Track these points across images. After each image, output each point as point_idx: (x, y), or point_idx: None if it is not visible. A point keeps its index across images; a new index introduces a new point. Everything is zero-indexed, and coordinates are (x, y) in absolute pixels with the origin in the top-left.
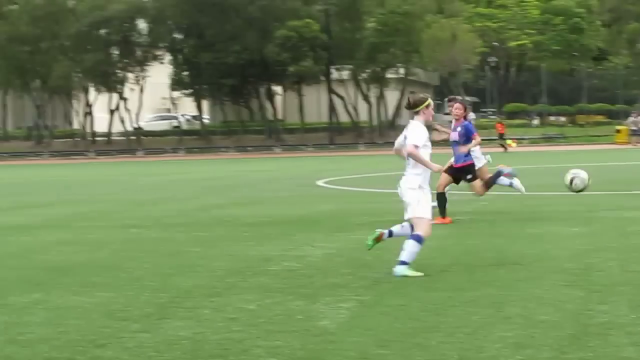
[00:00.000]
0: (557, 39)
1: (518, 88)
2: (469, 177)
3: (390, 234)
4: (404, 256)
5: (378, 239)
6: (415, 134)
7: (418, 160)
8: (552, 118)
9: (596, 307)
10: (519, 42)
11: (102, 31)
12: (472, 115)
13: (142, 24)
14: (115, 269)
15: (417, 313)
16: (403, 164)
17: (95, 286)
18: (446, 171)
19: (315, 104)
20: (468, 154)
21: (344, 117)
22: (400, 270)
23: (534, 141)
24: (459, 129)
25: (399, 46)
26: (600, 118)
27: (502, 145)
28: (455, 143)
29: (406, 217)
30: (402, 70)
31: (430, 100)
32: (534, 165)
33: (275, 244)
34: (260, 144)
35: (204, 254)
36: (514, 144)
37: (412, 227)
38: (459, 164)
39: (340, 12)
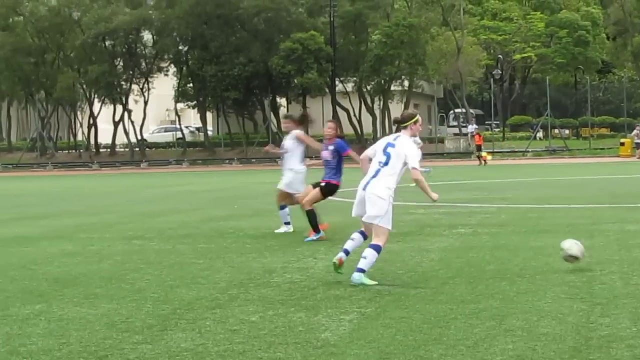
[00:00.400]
0: (562, 52)
1: (522, 101)
2: (322, 184)
3: (347, 253)
4: (364, 264)
5: (340, 265)
6: (413, 154)
7: (422, 187)
8: (556, 131)
9: (598, 320)
10: (524, 55)
11: (108, 43)
12: (474, 128)
13: (147, 36)
14: (118, 280)
15: (419, 325)
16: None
17: (97, 298)
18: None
19: (319, 116)
20: (338, 174)
21: (348, 130)
22: (358, 278)
23: (538, 154)
24: (331, 147)
25: (404, 59)
26: (604, 131)
27: (479, 158)
28: (327, 162)
29: (366, 220)
30: (406, 83)
31: (419, 117)
32: (538, 178)
33: (278, 256)
34: (264, 156)
35: (207, 266)
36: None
37: (364, 235)
38: (327, 181)
39: (345, 24)
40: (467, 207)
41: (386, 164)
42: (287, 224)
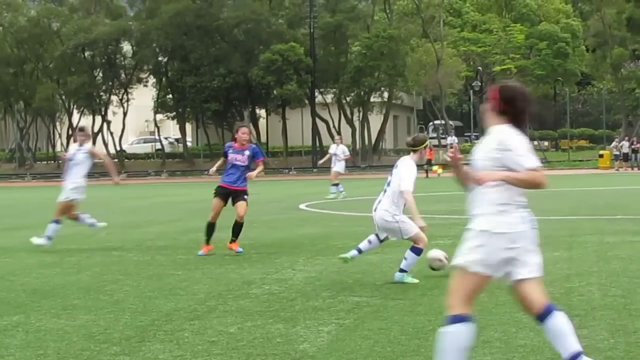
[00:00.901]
0: (541, 63)
1: None
2: (246, 197)
3: (360, 252)
4: (404, 265)
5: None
6: (407, 176)
7: (409, 205)
8: (535, 143)
9: (576, 332)
10: (504, 67)
11: (87, 53)
12: (453, 139)
13: (126, 47)
14: (96, 291)
15: (398, 337)
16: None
17: (75, 309)
18: (219, 198)
19: (299, 127)
20: (246, 180)
21: (327, 141)
22: (399, 276)
23: None
24: (247, 152)
25: (384, 70)
26: (583, 143)
27: (430, 171)
28: (244, 167)
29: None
30: (386, 94)
31: (428, 142)
32: None
33: (257, 267)
34: None
35: (185, 277)
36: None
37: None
38: (239, 187)
39: (325, 35)
40: (446, 218)
41: (389, 184)
42: (49, 238)
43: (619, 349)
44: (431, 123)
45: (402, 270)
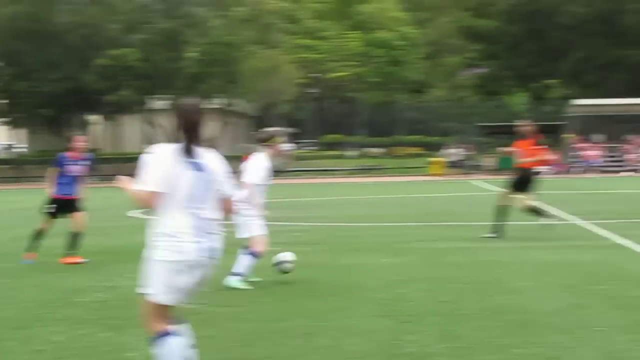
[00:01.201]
0: (377, 71)
1: (337, 119)
2: (82, 206)
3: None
4: (239, 269)
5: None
6: (254, 169)
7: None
8: (369, 149)
9: (405, 337)
10: (339, 74)
11: None
12: (288, 146)
13: None
14: None
15: (227, 344)
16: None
17: None
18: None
19: (134, 133)
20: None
21: None
22: (232, 281)
23: (351, 172)
24: (83, 161)
25: (219, 76)
26: (416, 150)
27: None
28: (80, 177)
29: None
30: (221, 101)
31: (280, 137)
32: (350, 197)
33: (86, 275)
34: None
35: (13, 285)
36: None
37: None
38: (75, 197)
39: (160, 41)
40: (278, 225)
41: None
42: None
43: (448, 354)
44: (267, 130)
45: (234, 274)
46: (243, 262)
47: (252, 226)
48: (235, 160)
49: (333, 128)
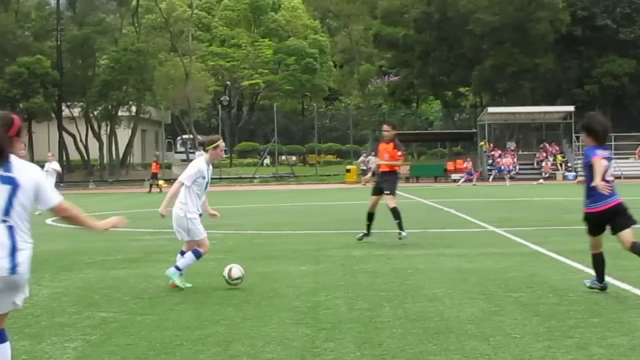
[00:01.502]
0: (289, 78)
1: (250, 127)
2: None
3: (178, 269)
4: (181, 263)
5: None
6: (189, 170)
7: (170, 191)
8: (283, 157)
9: (323, 345)
10: (252, 82)
11: None
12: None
13: None
14: None
15: (145, 352)
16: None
17: None
18: None
19: (45, 141)
20: None
21: (74, 155)
22: (172, 272)
23: (265, 180)
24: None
25: (132, 84)
26: (331, 157)
27: (154, 185)
28: None
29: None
30: (134, 108)
31: (219, 142)
32: (265, 204)
33: None
34: None
35: None
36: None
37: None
38: None
39: (72, 48)
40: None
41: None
42: None
43: None
44: (179, 137)
45: (177, 268)
46: (187, 259)
47: (198, 228)
48: (148, 167)
49: (247, 136)
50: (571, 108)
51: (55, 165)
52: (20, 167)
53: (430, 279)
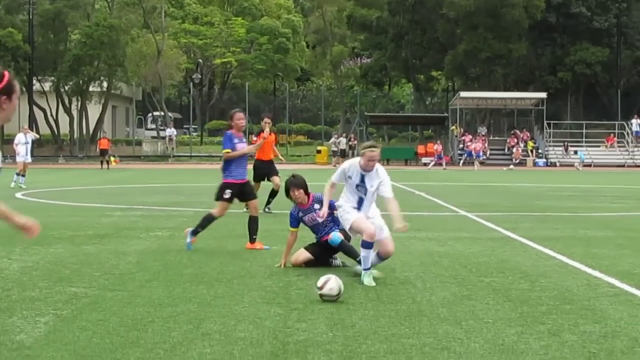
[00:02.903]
0: (261, 58)
1: (221, 105)
2: None
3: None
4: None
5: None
6: None
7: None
8: (254, 137)
9: (295, 325)
10: (224, 60)
11: None
12: (172, 131)
13: None
14: None
15: (116, 328)
16: None
17: None
18: None
19: (16, 115)
20: None
21: (45, 129)
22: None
23: None
24: None
25: (103, 59)
26: (302, 138)
27: (106, 162)
28: None
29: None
30: (105, 84)
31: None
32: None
33: None
34: None
35: None
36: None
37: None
38: None
39: (44, 22)
40: (164, 210)
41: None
42: None
43: (338, 342)
44: (150, 114)
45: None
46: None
47: None
48: (120, 144)
49: (218, 114)
50: (543, 95)
51: (33, 136)
52: None
53: (401, 261)
